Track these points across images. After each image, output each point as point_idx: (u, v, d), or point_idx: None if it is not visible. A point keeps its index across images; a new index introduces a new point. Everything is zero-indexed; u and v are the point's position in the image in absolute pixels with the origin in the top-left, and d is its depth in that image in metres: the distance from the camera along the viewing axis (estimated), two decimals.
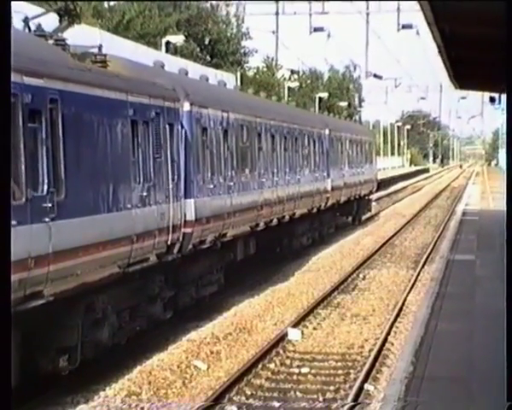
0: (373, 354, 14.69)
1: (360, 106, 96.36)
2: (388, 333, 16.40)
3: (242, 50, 62.57)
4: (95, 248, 12.39)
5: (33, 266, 10.79)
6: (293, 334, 16.41)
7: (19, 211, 10.47)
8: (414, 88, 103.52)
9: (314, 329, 17.40)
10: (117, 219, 13.17)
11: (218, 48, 59.15)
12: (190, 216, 16.36)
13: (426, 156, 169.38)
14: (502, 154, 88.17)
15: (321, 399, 12.63)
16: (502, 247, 20.31)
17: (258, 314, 18.56)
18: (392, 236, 34.07)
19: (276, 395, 12.87)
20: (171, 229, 15.29)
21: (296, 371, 14.21)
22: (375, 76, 73.48)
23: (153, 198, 14.53)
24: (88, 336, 12.67)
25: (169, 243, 15.28)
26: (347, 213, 36.87)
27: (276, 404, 12.37)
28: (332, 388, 13.16)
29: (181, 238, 15.85)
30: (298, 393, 12.96)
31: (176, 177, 15.70)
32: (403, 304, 19.41)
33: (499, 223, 26.04)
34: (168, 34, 45.53)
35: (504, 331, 9.46)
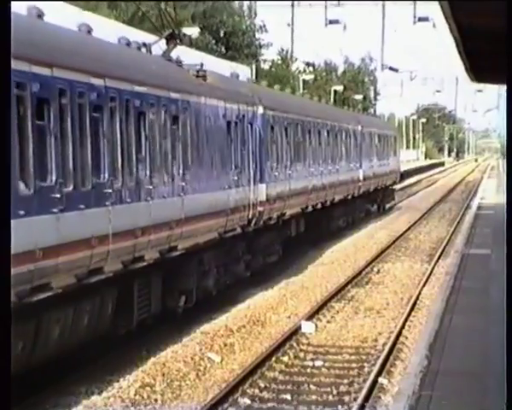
0: (387, 347, 14.64)
1: (375, 99, 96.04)
2: (402, 327, 16.34)
3: (257, 43, 62.44)
4: (206, 217, 16.37)
5: (174, 226, 14.63)
6: (307, 327, 16.38)
7: (167, 188, 14.47)
8: (429, 81, 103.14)
9: (328, 322, 17.36)
10: (219, 197, 17.30)
11: (233, 40, 59.04)
12: (263, 197, 20.57)
13: (441, 150, 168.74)
14: None
15: (334, 392, 12.60)
16: None
17: (271, 307, 18.54)
18: (407, 229, 33.98)
19: (289, 387, 12.85)
20: (251, 206, 19.49)
21: (310, 364, 14.18)
22: (391, 69, 73.17)
23: (240, 182, 18.77)
24: (199, 283, 16.60)
25: (249, 217, 19.47)
26: (374, 201, 40.44)
27: (289, 397, 12.36)
28: (346, 381, 13.12)
29: (257, 214, 19.95)
30: (311, 386, 12.94)
31: (254, 165, 19.90)
32: (417, 298, 19.34)
33: None
34: (183, 26, 45.49)
35: (504, 332, 9.39)
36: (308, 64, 77.75)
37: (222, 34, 58.68)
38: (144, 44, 15.55)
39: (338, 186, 30.26)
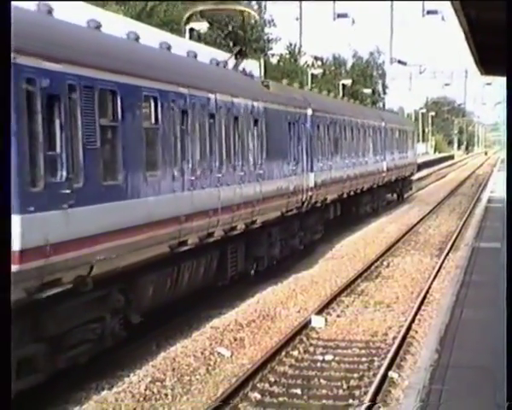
0: (397, 341, 14.63)
1: (384, 93, 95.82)
2: (412, 321, 16.32)
3: (266, 37, 62.36)
4: (275, 198, 20.50)
5: (255, 205, 18.81)
6: (317, 321, 16.39)
7: (252, 175, 18.73)
8: (438, 74, 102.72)
9: (338, 316, 17.36)
10: (283, 183, 21.44)
11: (242, 35, 58.89)
12: (312, 184, 24.56)
13: (450, 143, 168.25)
14: None
15: (345, 386, 12.60)
16: None
17: (281, 301, 18.55)
18: (416, 223, 33.93)
19: (299, 382, 12.86)
20: (304, 191, 23.51)
21: (320, 358, 14.19)
22: (400, 62, 72.97)
23: (297, 171, 22.95)
24: (268, 251, 20.65)
25: (303, 200, 23.42)
26: (394, 190, 44.17)
27: (300, 391, 12.36)
28: (356, 375, 13.12)
29: (308, 198, 23.90)
30: (321, 380, 12.94)
31: (306, 157, 24.07)
32: (427, 292, 19.31)
33: None
34: (191, 21, 45.40)
35: (504, 331, 9.34)
36: (316, 58, 77.57)
37: (230, 29, 58.59)
38: (226, 62, 19.95)
39: (366, 176, 34.34)
